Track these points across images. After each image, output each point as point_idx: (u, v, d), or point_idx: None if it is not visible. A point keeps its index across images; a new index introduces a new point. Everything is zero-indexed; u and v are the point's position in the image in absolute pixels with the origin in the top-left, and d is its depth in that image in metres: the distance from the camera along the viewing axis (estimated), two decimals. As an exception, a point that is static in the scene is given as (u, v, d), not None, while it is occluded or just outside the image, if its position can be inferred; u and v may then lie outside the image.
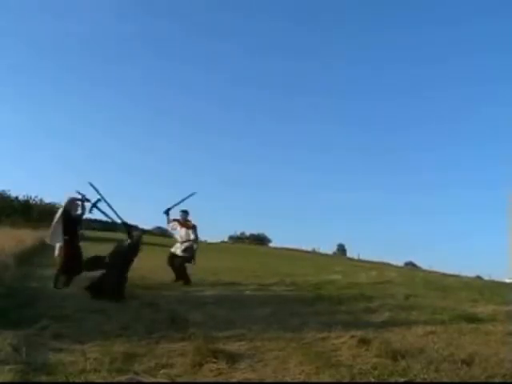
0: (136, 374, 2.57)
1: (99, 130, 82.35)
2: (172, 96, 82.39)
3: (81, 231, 6.62)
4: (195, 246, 7.87)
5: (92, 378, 2.49)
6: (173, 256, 7.77)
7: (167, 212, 7.77)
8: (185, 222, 7.84)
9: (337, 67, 78.72)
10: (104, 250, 5.87)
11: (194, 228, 7.83)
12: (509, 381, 2.81)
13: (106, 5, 70.95)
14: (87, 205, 6.20)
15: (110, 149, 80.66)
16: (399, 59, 73.37)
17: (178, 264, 7.56)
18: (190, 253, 7.76)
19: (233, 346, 3.26)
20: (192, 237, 7.79)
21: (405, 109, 78.62)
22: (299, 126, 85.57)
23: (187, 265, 7.67)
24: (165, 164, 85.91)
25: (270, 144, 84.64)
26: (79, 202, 6.22)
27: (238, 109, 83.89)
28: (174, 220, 7.87)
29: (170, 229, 8.42)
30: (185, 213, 7.89)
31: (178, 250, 7.80)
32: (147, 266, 10.73)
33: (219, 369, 2.75)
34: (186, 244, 7.77)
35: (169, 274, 7.62)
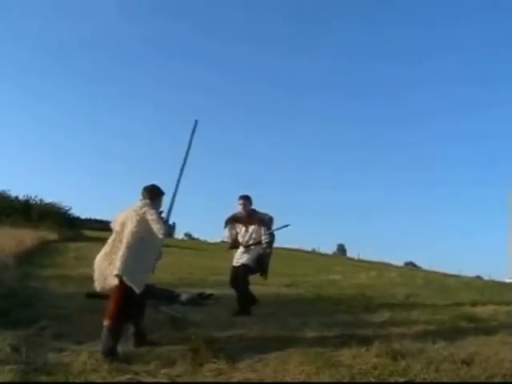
0: (136, 374, 2.57)
1: (100, 129, 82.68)
2: (179, 94, 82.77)
3: None
4: None
5: (92, 377, 2.48)
6: None
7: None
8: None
9: (336, 65, 78.76)
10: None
11: None
12: (509, 381, 2.81)
13: (114, 6, 71.24)
14: None
15: (111, 148, 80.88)
16: (398, 58, 73.44)
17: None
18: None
19: (233, 346, 3.26)
20: None
21: (405, 107, 78.84)
22: (299, 124, 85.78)
23: None
24: (165, 163, 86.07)
25: (269, 143, 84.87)
26: None
27: (241, 107, 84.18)
28: None
29: None
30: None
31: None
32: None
33: (219, 369, 2.75)
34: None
35: (169, 274, 7.59)
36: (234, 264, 5.29)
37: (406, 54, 77.89)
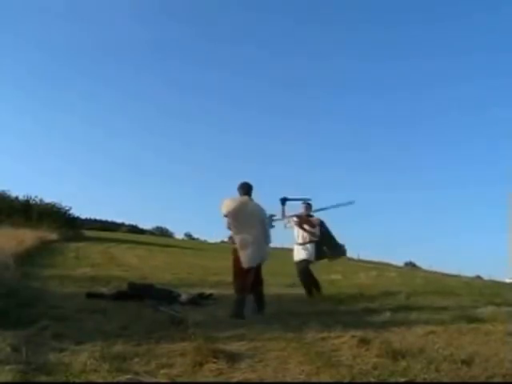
0: (136, 374, 2.57)
1: (100, 130, 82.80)
2: (187, 98, 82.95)
3: None
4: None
5: (92, 378, 2.48)
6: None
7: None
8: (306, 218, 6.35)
9: (337, 65, 78.83)
10: (104, 249, 5.86)
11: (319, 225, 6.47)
12: (509, 381, 2.81)
13: (125, 9, 71.28)
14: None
15: (111, 149, 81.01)
16: (400, 56, 73.46)
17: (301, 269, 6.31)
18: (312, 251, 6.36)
19: (233, 346, 3.26)
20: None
21: (405, 107, 78.88)
22: (299, 123, 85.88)
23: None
24: (166, 163, 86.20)
25: (269, 142, 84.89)
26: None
27: (243, 107, 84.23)
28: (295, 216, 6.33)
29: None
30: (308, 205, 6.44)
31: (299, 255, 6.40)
32: (147, 266, 10.74)
33: (219, 369, 2.75)
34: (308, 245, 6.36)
35: (169, 274, 7.59)
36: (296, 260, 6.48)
37: (408, 53, 77.94)
